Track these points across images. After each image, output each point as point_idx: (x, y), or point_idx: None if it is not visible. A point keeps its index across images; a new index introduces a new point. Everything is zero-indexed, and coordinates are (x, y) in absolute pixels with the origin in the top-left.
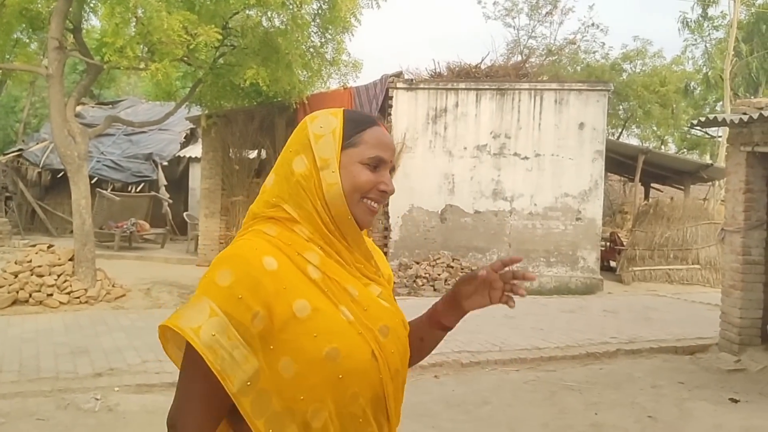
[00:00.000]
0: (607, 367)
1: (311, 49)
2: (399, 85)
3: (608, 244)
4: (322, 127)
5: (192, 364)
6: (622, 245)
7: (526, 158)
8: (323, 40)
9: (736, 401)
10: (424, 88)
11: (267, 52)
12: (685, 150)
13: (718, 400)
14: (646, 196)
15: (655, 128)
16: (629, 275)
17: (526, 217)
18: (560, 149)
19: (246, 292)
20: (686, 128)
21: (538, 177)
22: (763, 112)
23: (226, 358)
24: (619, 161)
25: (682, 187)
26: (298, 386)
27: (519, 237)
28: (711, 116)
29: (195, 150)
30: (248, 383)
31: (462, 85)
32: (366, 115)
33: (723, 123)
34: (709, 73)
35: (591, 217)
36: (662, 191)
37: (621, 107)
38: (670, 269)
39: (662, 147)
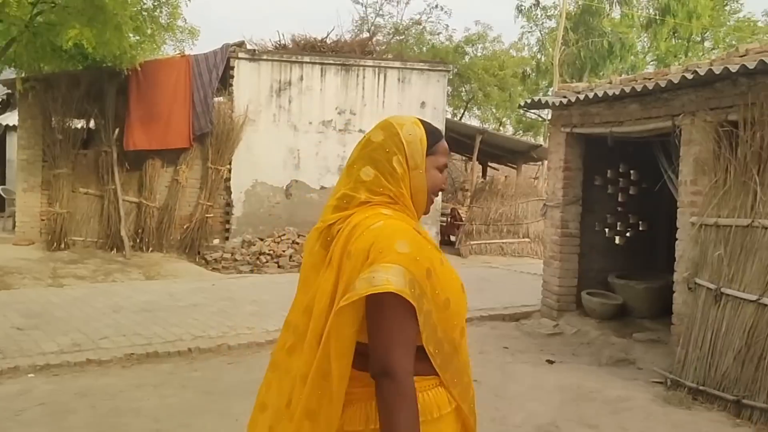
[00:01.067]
0: None
1: (144, 12)
2: (241, 55)
3: (449, 219)
4: (411, 134)
5: (402, 317)
6: (462, 220)
7: None
8: (156, 3)
9: (552, 362)
10: (267, 60)
11: (92, 12)
12: (521, 131)
13: (537, 362)
14: (484, 175)
15: (494, 110)
16: (467, 249)
17: None
18: None
19: (419, 254)
20: (518, 110)
21: None
22: (580, 95)
23: (420, 307)
24: (459, 140)
25: (515, 166)
26: (447, 320)
27: None
28: (536, 99)
29: (13, 117)
30: (425, 322)
31: (307, 59)
32: (436, 128)
33: (546, 105)
34: (543, 60)
35: None
36: (498, 170)
37: (463, 89)
38: (503, 242)
39: (501, 128)
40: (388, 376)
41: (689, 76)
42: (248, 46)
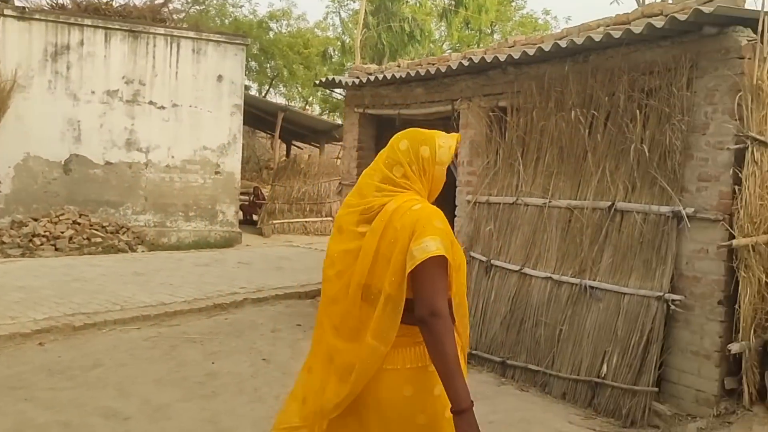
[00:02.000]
0: (232, 316)
1: None
2: (8, 12)
3: (251, 198)
4: (445, 143)
5: (442, 274)
6: (264, 199)
7: (163, 108)
8: None
9: None
10: (41, 20)
11: None
12: (327, 111)
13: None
14: (288, 153)
15: (299, 88)
16: (269, 228)
17: (164, 170)
18: (198, 101)
19: (447, 230)
20: (315, 88)
21: (176, 128)
22: (371, 77)
23: (451, 267)
24: (261, 118)
25: (318, 145)
26: (459, 279)
27: (156, 191)
28: (330, 78)
29: None
30: (452, 279)
31: (88, 22)
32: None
33: (339, 85)
34: (347, 41)
35: (230, 170)
36: (302, 148)
37: (268, 65)
38: (306, 221)
39: (308, 107)
40: (436, 315)
41: (465, 63)
42: (17, 3)
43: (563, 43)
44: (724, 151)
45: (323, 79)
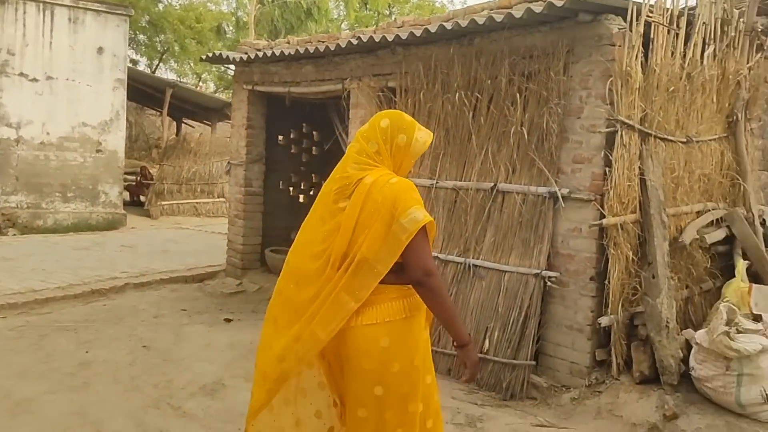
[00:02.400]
0: (111, 302)
1: None
2: None
3: (138, 178)
4: (422, 137)
5: (427, 238)
6: (152, 180)
7: (36, 80)
8: None
9: (230, 321)
10: None
11: None
12: (222, 88)
13: (214, 322)
14: (179, 131)
15: (192, 64)
16: (157, 209)
17: (38, 147)
18: (77, 74)
19: (419, 197)
20: (202, 62)
21: (51, 102)
22: (259, 53)
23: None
24: (148, 94)
25: (210, 124)
26: (431, 228)
27: (29, 170)
28: (218, 53)
29: None
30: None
31: None
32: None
33: (227, 60)
34: (241, 17)
35: (112, 149)
36: (194, 127)
37: (158, 39)
38: (197, 203)
39: (201, 84)
40: (430, 274)
41: (354, 42)
42: None
43: (448, 26)
44: (597, 134)
45: (210, 54)
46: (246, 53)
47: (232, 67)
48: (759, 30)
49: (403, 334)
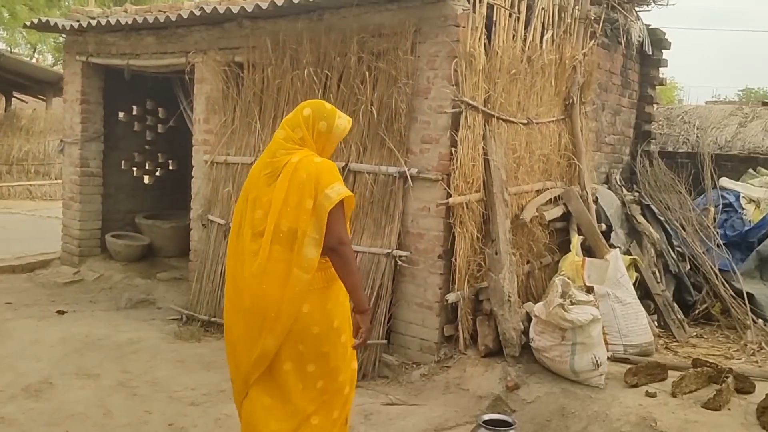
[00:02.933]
0: None
1: None
2: None
3: None
4: (341, 124)
5: (344, 212)
6: None
7: None
8: None
9: (63, 312)
10: None
11: None
12: (61, 61)
13: (45, 315)
14: (8, 107)
15: (25, 33)
16: None
17: None
18: None
19: (339, 176)
20: (26, 29)
21: None
22: (92, 21)
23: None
24: None
25: (45, 98)
26: (350, 204)
27: None
28: (44, 19)
29: None
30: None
31: None
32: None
33: (56, 28)
34: None
35: None
36: (26, 102)
37: None
38: (31, 185)
39: (37, 56)
40: (344, 243)
41: (197, 12)
42: None
43: None
44: (443, 114)
45: (36, 21)
46: (78, 21)
47: (40, 31)
48: (592, 18)
49: (322, 301)
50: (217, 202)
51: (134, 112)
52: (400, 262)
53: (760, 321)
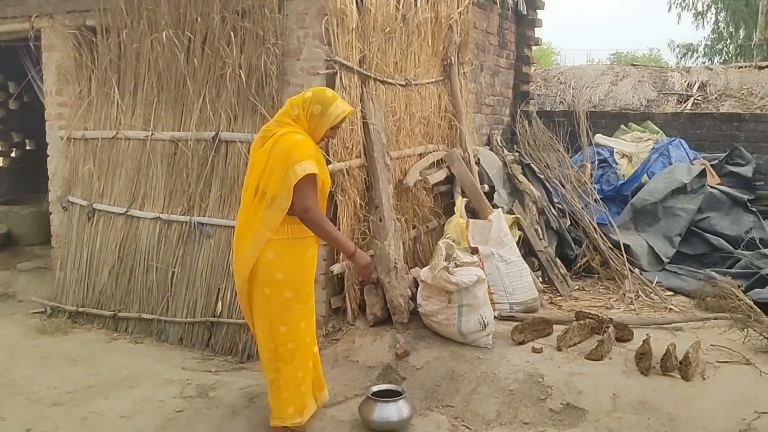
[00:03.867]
0: None
1: None
2: None
3: None
4: (335, 111)
5: (311, 185)
6: None
7: None
8: None
9: None
10: None
11: None
12: None
13: None
14: None
15: None
16: None
17: None
18: None
19: (316, 156)
20: None
21: None
22: None
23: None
24: None
25: None
26: (320, 190)
27: None
28: None
29: None
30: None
31: None
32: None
33: None
34: None
35: None
36: None
37: None
38: None
39: None
40: (308, 211)
41: None
42: None
43: None
44: (317, 76)
45: None
46: None
47: None
48: None
49: (287, 250)
50: (78, 181)
51: None
52: None
53: (637, 270)
